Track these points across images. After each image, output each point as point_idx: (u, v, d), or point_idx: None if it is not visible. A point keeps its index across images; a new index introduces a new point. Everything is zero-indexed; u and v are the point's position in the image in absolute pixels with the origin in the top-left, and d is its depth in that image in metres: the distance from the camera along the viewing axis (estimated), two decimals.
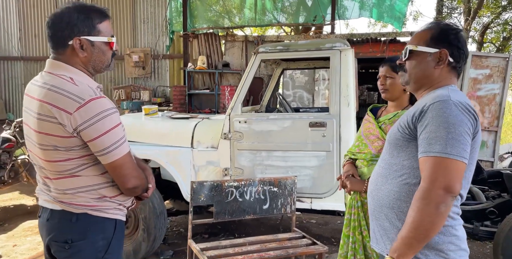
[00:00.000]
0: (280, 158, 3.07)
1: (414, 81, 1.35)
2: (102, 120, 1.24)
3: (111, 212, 1.40)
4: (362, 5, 7.58)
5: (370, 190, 1.42)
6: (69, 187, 1.34)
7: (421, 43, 1.31)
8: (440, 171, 1.11)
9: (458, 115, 1.15)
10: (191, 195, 2.55)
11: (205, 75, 7.54)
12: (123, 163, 1.31)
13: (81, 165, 1.32)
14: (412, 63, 1.34)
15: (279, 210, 2.80)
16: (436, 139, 1.14)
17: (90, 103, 1.23)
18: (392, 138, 1.33)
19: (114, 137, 1.27)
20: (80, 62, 1.34)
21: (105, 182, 1.38)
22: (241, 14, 7.94)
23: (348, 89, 2.93)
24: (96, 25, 1.32)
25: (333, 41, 3.03)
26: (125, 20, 8.10)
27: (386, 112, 2.05)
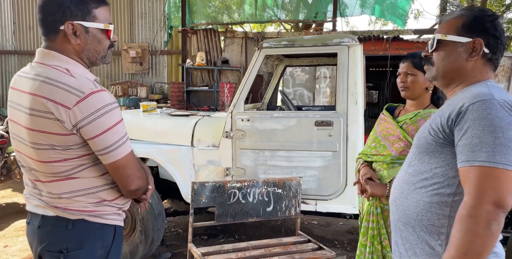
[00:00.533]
0: (284, 158, 2.95)
1: (442, 75, 1.19)
2: (103, 117, 1.13)
3: (110, 217, 1.28)
4: (363, 3, 7.48)
5: (393, 197, 1.27)
6: (65, 191, 1.21)
7: (451, 31, 1.14)
8: (489, 183, 0.95)
9: (506, 117, 0.98)
10: (192, 196, 2.43)
11: (203, 72, 7.40)
12: (126, 162, 1.20)
13: (79, 165, 1.20)
14: (440, 55, 1.17)
15: (283, 212, 2.68)
16: (481, 145, 0.97)
17: (91, 97, 1.11)
18: (422, 142, 1.16)
19: (116, 135, 1.16)
20: (73, 51, 1.21)
21: (104, 184, 1.26)
22: (241, 10, 7.81)
23: (356, 87, 2.82)
24: (91, 10, 1.19)
25: (341, 37, 2.90)
26: (122, 14, 7.93)
27: (405, 112, 1.92)
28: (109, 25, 1.23)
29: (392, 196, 1.27)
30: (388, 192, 1.73)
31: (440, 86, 1.26)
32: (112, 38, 1.27)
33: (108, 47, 1.27)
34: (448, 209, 1.08)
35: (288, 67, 4.39)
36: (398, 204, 1.22)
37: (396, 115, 1.98)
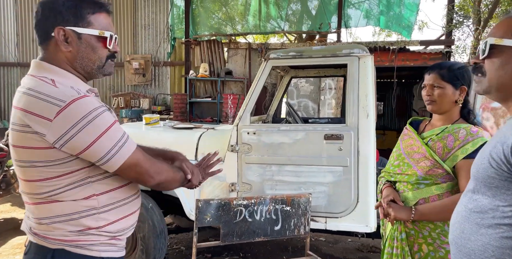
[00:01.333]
0: (292, 173, 2.82)
1: (497, 88, 0.99)
2: (90, 125, 1.01)
3: (96, 248, 1.13)
4: (367, 14, 7.44)
5: (454, 236, 1.05)
6: (44, 216, 1.09)
7: (508, 34, 0.94)
8: None
9: None
10: (196, 215, 2.29)
11: (207, 83, 7.32)
12: (133, 163, 1.10)
13: (63, 186, 1.08)
14: (494, 64, 0.97)
15: (292, 231, 2.54)
16: None
17: (72, 105, 1.00)
18: (482, 175, 0.94)
19: (110, 140, 1.05)
20: (66, 60, 1.12)
21: (90, 209, 1.11)
22: (244, 21, 7.78)
23: (367, 99, 2.70)
24: (85, 16, 1.10)
25: (351, 47, 2.81)
26: (125, 26, 7.92)
27: (431, 127, 1.77)
28: (105, 32, 1.12)
29: (452, 234, 1.07)
30: (413, 215, 1.59)
31: (496, 100, 1.07)
32: (112, 48, 1.16)
33: (107, 57, 1.17)
34: None
35: (294, 78, 4.30)
36: (460, 246, 1.01)
37: (421, 130, 1.83)
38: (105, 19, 1.14)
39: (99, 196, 1.13)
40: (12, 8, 8.27)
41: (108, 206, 1.15)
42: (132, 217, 1.25)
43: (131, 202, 1.24)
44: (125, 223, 1.21)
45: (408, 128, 1.84)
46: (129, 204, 1.23)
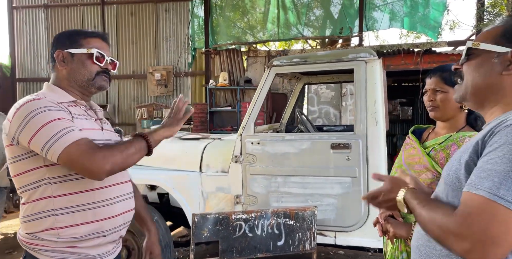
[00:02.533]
0: (299, 185, 2.68)
1: (472, 93, 0.96)
2: (33, 119, 1.16)
3: (47, 254, 1.20)
4: (392, 15, 7.18)
5: (418, 243, 1.01)
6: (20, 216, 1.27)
7: (487, 40, 0.94)
8: (481, 218, 0.75)
9: None
10: (193, 230, 2.22)
11: (227, 92, 7.32)
12: (74, 151, 1.14)
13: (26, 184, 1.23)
14: (470, 67, 0.96)
15: (296, 246, 2.40)
16: (491, 172, 0.77)
17: (23, 106, 1.19)
18: (452, 178, 0.91)
19: (50, 132, 1.15)
20: (63, 77, 1.33)
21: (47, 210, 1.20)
22: (264, 29, 7.75)
23: (376, 106, 2.54)
24: (79, 40, 1.33)
25: (357, 51, 2.66)
26: (148, 38, 8.12)
27: (435, 135, 1.61)
28: (92, 49, 1.31)
29: (416, 241, 1.02)
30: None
31: (474, 108, 1.02)
32: (103, 65, 1.33)
33: (98, 72, 1.33)
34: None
35: (308, 84, 4.17)
36: (424, 254, 0.97)
37: (424, 139, 1.67)
38: (96, 42, 1.34)
39: (56, 198, 1.20)
40: (43, 24, 8.72)
41: (66, 209, 1.20)
42: (94, 225, 1.24)
43: (95, 209, 1.24)
44: (84, 229, 1.22)
45: (410, 137, 1.68)
46: (92, 210, 1.23)
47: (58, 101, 1.24)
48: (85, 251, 1.24)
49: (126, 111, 8.21)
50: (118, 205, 1.31)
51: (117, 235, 1.34)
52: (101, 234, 1.26)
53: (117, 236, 1.34)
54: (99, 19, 8.40)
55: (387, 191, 1.05)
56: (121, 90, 8.47)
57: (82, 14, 8.48)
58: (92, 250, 1.26)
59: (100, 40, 1.35)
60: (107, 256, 1.33)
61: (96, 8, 8.42)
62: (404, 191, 1.00)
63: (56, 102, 1.23)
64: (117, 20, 8.28)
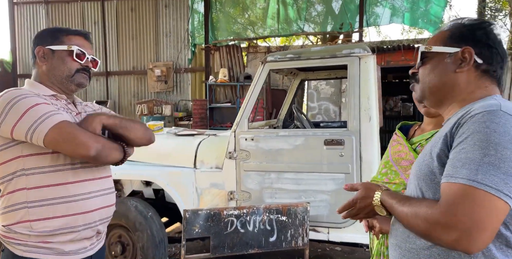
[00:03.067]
0: (292, 181, 2.68)
1: (430, 92, 1.01)
2: (14, 107, 1.18)
3: (20, 248, 1.22)
4: (394, 11, 7.12)
5: (397, 241, 1.02)
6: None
7: (437, 42, 1.00)
8: (464, 205, 0.76)
9: (508, 132, 0.80)
10: (184, 226, 2.22)
11: (226, 88, 7.32)
12: (57, 132, 1.17)
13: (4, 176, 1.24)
14: (426, 69, 1.01)
15: (288, 242, 2.40)
16: (466, 161, 0.80)
17: (3, 96, 1.22)
18: (425, 172, 0.93)
19: (31, 117, 1.17)
20: (43, 73, 1.34)
21: (21, 202, 1.21)
22: (264, 24, 7.72)
23: (370, 102, 2.52)
24: (60, 37, 1.34)
25: (351, 47, 2.64)
26: (148, 34, 8.12)
27: (421, 131, 1.60)
28: (72, 46, 1.31)
29: (394, 239, 1.03)
30: None
31: (432, 106, 1.07)
32: (83, 62, 1.34)
33: (77, 69, 1.34)
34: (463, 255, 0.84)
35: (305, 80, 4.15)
36: (405, 250, 0.97)
37: (411, 135, 1.67)
38: (78, 40, 1.35)
39: (30, 190, 1.21)
40: (44, 20, 8.73)
41: (38, 201, 1.21)
42: (66, 219, 1.24)
43: (68, 203, 1.24)
44: (56, 223, 1.22)
45: (397, 134, 1.67)
46: (65, 204, 1.24)
47: (40, 95, 1.27)
48: (58, 246, 1.24)
49: (126, 107, 8.23)
50: (93, 200, 1.30)
51: (93, 231, 1.33)
52: (74, 229, 1.26)
53: (93, 232, 1.33)
54: (100, 14, 8.40)
55: (362, 198, 1.04)
56: (121, 86, 8.48)
57: (82, 10, 8.48)
58: (65, 246, 1.26)
59: (82, 38, 1.37)
60: (84, 252, 1.32)
61: (96, 4, 8.41)
62: (379, 193, 1.00)
63: (37, 93, 1.26)
64: (117, 16, 8.27)
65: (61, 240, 1.24)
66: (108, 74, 8.49)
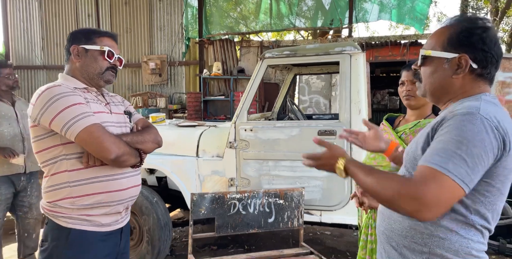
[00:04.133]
0: (288, 168, 2.92)
1: (430, 93, 1.15)
2: (54, 104, 1.36)
3: (64, 220, 1.43)
4: (382, 7, 7.36)
5: (381, 208, 1.23)
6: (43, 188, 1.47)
7: (437, 46, 1.09)
8: (433, 185, 0.91)
9: (480, 133, 0.94)
10: (191, 208, 2.44)
11: (220, 81, 7.48)
12: (87, 135, 1.35)
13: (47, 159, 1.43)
14: (426, 71, 1.13)
15: (285, 223, 2.64)
16: (441, 151, 0.95)
17: (45, 92, 1.38)
18: (410, 158, 1.11)
19: (68, 115, 1.35)
20: (76, 69, 1.51)
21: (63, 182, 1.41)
22: (256, 19, 7.88)
23: (359, 96, 2.76)
24: (94, 38, 1.51)
25: (343, 45, 2.87)
26: (142, 28, 8.20)
27: (405, 122, 1.86)
28: (104, 47, 1.50)
29: (380, 206, 1.24)
30: None
31: (432, 102, 1.22)
32: (112, 61, 1.52)
33: (107, 68, 1.52)
34: (433, 229, 1.04)
35: (299, 75, 4.37)
36: (385, 216, 1.19)
37: (396, 125, 1.93)
38: (108, 41, 1.53)
39: (71, 172, 1.41)
40: (37, 13, 8.72)
41: (79, 181, 1.42)
42: (103, 195, 1.45)
43: (102, 182, 1.45)
44: (95, 198, 1.44)
45: (384, 124, 1.92)
46: (102, 183, 1.45)
47: (73, 87, 1.45)
48: (96, 219, 1.46)
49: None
50: (125, 180, 1.51)
51: (123, 207, 1.55)
52: (109, 204, 1.47)
53: (123, 207, 1.55)
54: (93, 7, 8.43)
55: (328, 157, 1.18)
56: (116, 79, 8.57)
57: (76, 2, 8.50)
58: (101, 219, 1.47)
59: (111, 40, 1.56)
60: (116, 225, 1.54)
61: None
62: (343, 159, 1.12)
63: (71, 88, 1.44)
64: (111, 9, 8.32)
65: (98, 213, 1.46)
66: None
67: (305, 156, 1.24)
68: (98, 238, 1.48)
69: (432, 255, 1.04)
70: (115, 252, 1.57)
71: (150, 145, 1.55)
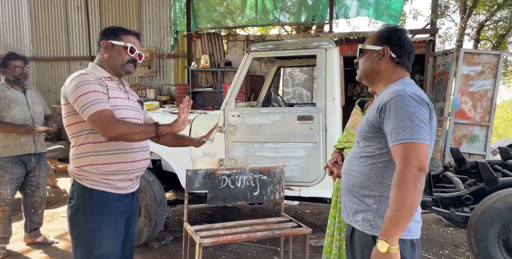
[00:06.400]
0: (271, 149, 3.30)
1: (365, 75, 1.54)
2: (78, 88, 1.66)
3: (89, 182, 1.74)
4: (361, 3, 7.74)
5: (344, 168, 1.57)
6: (70, 154, 1.80)
7: (369, 43, 1.52)
8: (412, 154, 1.25)
9: (416, 105, 1.29)
10: (187, 182, 2.79)
11: (208, 73, 7.78)
12: (96, 118, 1.62)
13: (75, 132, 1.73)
14: (362, 60, 1.54)
15: (268, 196, 3.03)
16: (403, 128, 1.27)
17: (76, 78, 1.69)
18: (362, 131, 1.47)
19: (85, 100, 1.64)
20: (104, 60, 1.81)
21: (89, 151, 1.72)
22: (242, 14, 8.18)
23: (333, 85, 3.15)
24: (120, 35, 1.81)
25: (319, 40, 3.24)
26: (131, 21, 8.39)
27: (372, 105, 2.25)
28: (127, 44, 1.80)
29: (343, 167, 1.61)
30: None
31: (367, 84, 1.60)
32: (133, 56, 1.82)
33: (128, 61, 1.81)
34: (382, 179, 1.41)
35: (282, 68, 4.74)
36: (347, 174, 1.55)
37: (365, 108, 2.31)
38: (131, 38, 1.83)
39: (96, 144, 1.72)
40: (26, 4, 8.82)
41: (101, 152, 1.73)
42: (121, 165, 1.78)
43: (120, 154, 1.77)
44: (114, 167, 1.76)
45: (356, 107, 2.31)
46: (118, 154, 1.76)
47: (99, 76, 1.75)
48: (114, 183, 1.78)
49: None
50: (139, 153, 1.85)
51: (135, 175, 1.88)
52: (126, 172, 1.80)
53: (134, 176, 1.88)
54: (83, 0, 8.59)
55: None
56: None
57: None
58: (119, 183, 1.80)
59: (134, 37, 1.85)
60: (129, 189, 1.88)
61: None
62: (387, 245, 1.27)
63: (97, 77, 1.74)
64: (100, 2, 8.48)
65: (116, 178, 1.78)
66: (92, 59, 8.73)
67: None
68: (115, 198, 1.81)
69: (381, 197, 1.40)
70: (128, 212, 1.92)
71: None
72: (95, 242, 1.76)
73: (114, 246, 1.82)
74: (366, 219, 1.43)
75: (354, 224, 1.49)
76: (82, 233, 1.76)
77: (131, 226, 1.97)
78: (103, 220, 1.77)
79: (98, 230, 1.76)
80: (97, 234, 1.76)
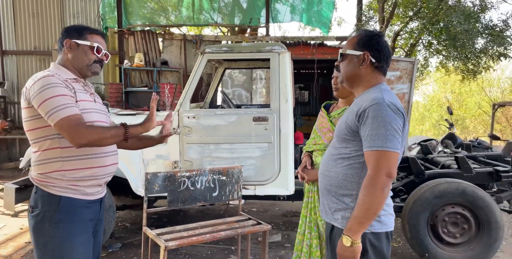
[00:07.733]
0: (227, 150, 3.35)
1: (345, 79, 1.60)
2: (43, 92, 1.55)
3: (56, 189, 1.64)
4: (292, 9, 8.13)
5: (321, 170, 1.64)
6: (32, 161, 1.68)
7: (349, 47, 1.56)
8: (383, 162, 1.36)
9: (392, 115, 1.39)
10: (146, 186, 2.70)
11: (142, 72, 7.49)
12: (64, 124, 1.53)
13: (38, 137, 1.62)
14: (343, 65, 1.60)
15: (227, 196, 3.07)
16: (378, 136, 1.38)
17: (40, 80, 1.57)
18: (340, 133, 1.55)
19: (52, 104, 1.54)
20: (67, 60, 1.70)
21: (55, 157, 1.62)
22: (178, 12, 8.03)
23: (286, 88, 3.31)
24: (85, 34, 1.72)
25: (272, 45, 3.38)
26: (52, 13, 7.72)
27: (337, 108, 2.35)
28: (93, 43, 1.71)
29: (320, 169, 1.69)
30: None
31: (348, 87, 1.68)
32: (100, 56, 1.73)
33: (94, 61, 1.72)
34: (358, 178, 1.50)
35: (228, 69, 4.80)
36: (325, 176, 1.63)
37: (330, 111, 2.45)
38: (97, 38, 1.73)
39: (64, 149, 1.63)
40: None
41: (70, 157, 1.64)
42: (91, 170, 1.68)
43: (90, 159, 1.67)
44: (83, 172, 1.65)
45: (322, 110, 2.45)
46: (88, 159, 1.67)
47: (64, 78, 1.63)
48: (83, 189, 1.68)
49: None
50: (109, 158, 1.77)
51: (105, 180, 1.80)
52: (95, 177, 1.71)
53: (104, 181, 1.80)
54: None
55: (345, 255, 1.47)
56: (20, 66, 7.92)
57: None
58: (87, 189, 1.71)
59: (100, 37, 1.76)
60: (98, 195, 1.79)
61: None
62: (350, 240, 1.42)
63: (63, 79, 1.62)
64: None
65: (85, 184, 1.69)
66: (4, 53, 7.83)
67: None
68: (84, 204, 1.71)
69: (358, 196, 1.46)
70: (96, 218, 1.83)
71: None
72: (66, 250, 1.66)
73: (86, 254, 1.73)
74: (345, 217, 1.52)
75: (333, 222, 1.57)
76: (50, 243, 1.64)
77: (98, 232, 1.88)
78: (73, 227, 1.67)
79: (68, 237, 1.66)
80: (68, 242, 1.66)
